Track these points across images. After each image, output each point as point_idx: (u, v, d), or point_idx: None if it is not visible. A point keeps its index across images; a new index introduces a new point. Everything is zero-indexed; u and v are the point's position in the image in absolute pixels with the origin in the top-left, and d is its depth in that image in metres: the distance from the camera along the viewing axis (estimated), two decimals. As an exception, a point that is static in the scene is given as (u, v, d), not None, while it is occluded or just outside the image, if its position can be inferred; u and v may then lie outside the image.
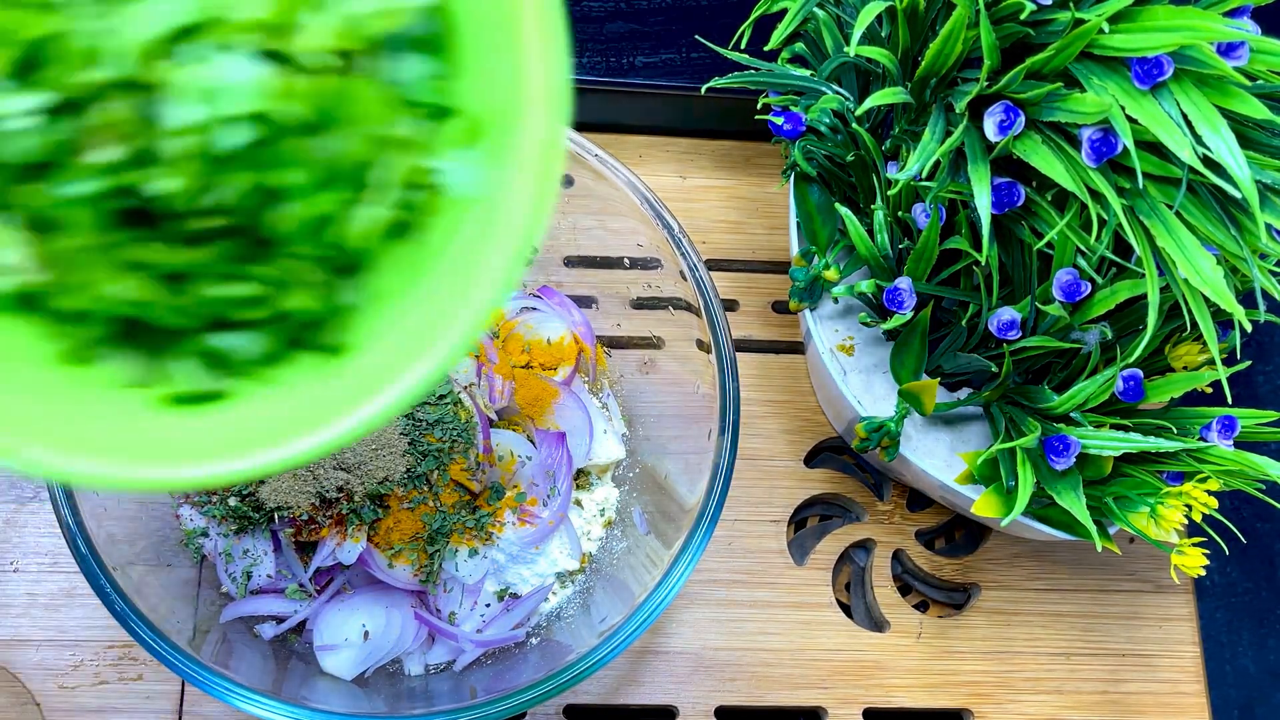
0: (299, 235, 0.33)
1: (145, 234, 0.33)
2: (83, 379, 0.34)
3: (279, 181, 0.32)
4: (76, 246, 0.32)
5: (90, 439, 0.32)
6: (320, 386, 0.34)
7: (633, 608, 0.53)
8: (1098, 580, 0.70)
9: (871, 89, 0.56)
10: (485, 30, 0.33)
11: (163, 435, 0.33)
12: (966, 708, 0.67)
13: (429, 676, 0.59)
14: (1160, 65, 0.45)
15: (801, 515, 0.72)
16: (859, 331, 0.64)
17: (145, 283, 0.33)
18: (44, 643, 0.61)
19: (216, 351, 0.35)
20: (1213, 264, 0.46)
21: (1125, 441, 0.54)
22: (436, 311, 0.33)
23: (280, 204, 0.33)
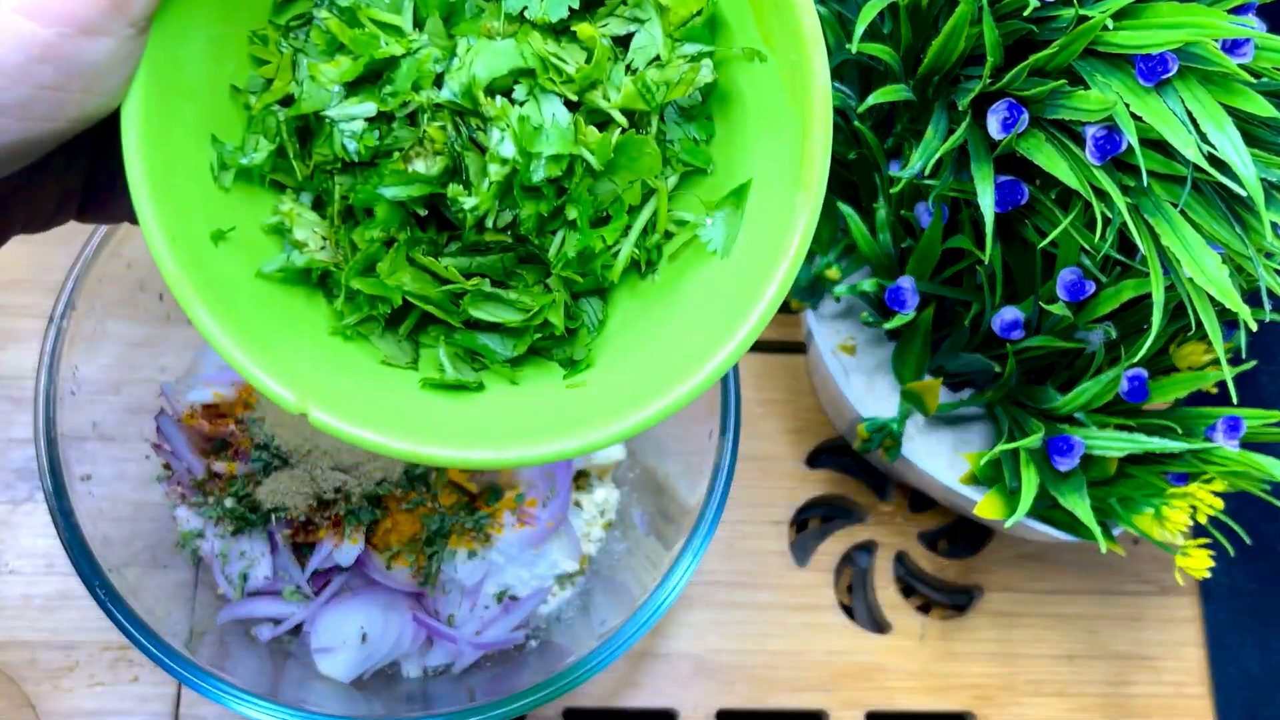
0: (566, 261, 0.38)
1: (434, 236, 0.38)
2: (351, 353, 0.39)
3: (560, 215, 0.38)
4: (374, 237, 0.37)
5: (360, 407, 0.36)
6: (560, 396, 0.39)
7: (633, 609, 0.53)
8: (1102, 582, 0.70)
9: (873, 86, 0.55)
10: (770, 112, 0.38)
11: (423, 415, 0.37)
12: (969, 710, 0.67)
13: (427, 679, 0.59)
14: (1165, 62, 0.44)
15: (803, 516, 0.72)
16: (861, 331, 0.64)
17: (426, 278, 0.38)
18: (39, 645, 0.61)
19: (474, 346, 0.39)
20: (1218, 263, 0.46)
21: (1130, 442, 0.54)
22: (673, 353, 0.37)
23: (556, 231, 0.38)
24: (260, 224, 0.38)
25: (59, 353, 0.53)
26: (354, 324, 0.39)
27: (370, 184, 0.37)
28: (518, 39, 0.37)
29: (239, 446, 0.57)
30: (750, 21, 0.38)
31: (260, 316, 0.36)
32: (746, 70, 0.38)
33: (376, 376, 0.38)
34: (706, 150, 0.40)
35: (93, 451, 0.55)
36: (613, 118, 0.37)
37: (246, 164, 0.37)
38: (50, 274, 0.66)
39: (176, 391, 0.59)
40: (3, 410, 0.64)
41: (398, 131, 0.37)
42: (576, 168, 0.37)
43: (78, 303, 0.53)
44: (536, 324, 0.39)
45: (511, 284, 0.39)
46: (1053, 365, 0.59)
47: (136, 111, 0.34)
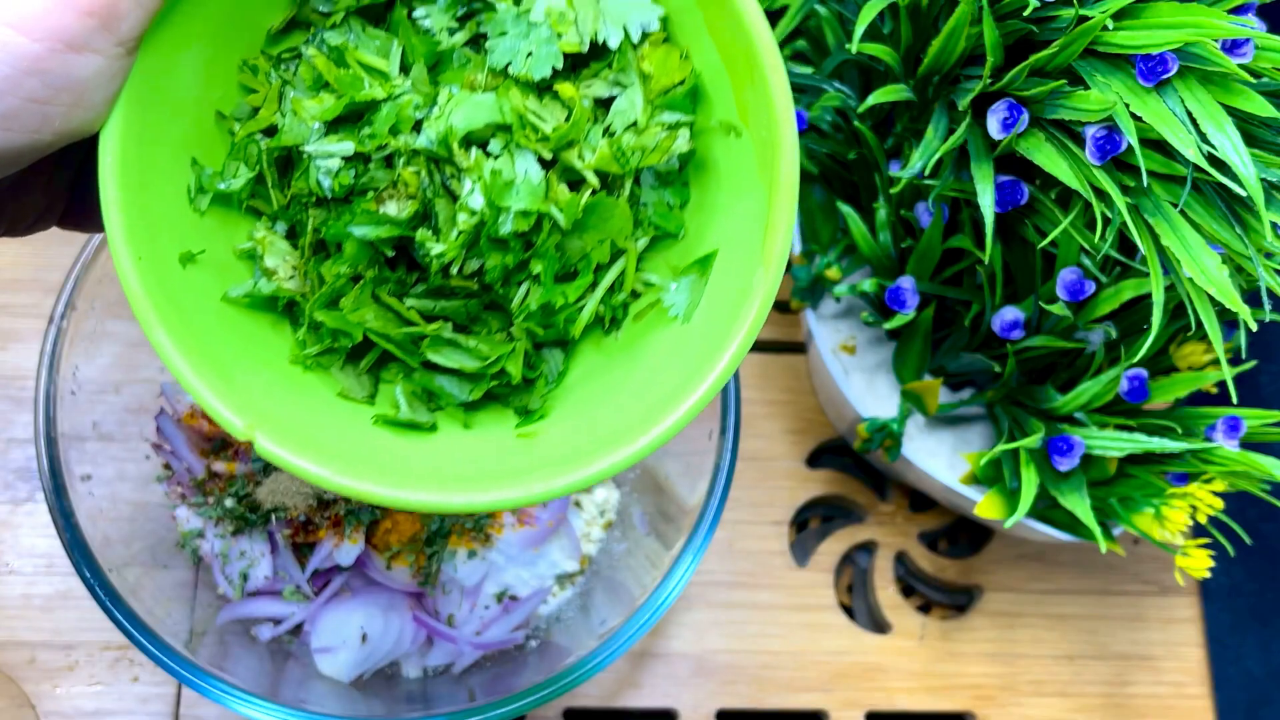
0: (529, 313, 0.39)
1: (401, 276, 0.39)
2: (309, 383, 0.39)
3: (526, 268, 0.38)
4: (341, 272, 0.38)
5: (309, 438, 0.36)
6: (510, 444, 0.39)
7: (633, 610, 0.53)
8: (1102, 582, 0.70)
9: (873, 86, 0.55)
10: (741, 185, 0.39)
11: (371, 452, 0.37)
12: (969, 710, 0.67)
13: (427, 679, 0.59)
14: (1165, 62, 0.44)
15: (803, 516, 0.71)
16: (861, 331, 0.63)
17: (390, 316, 0.39)
18: (40, 645, 0.61)
19: (431, 387, 0.40)
20: (1218, 263, 0.46)
21: (1130, 442, 0.54)
22: (626, 413, 0.38)
23: (522, 282, 0.39)
24: (233, 248, 0.39)
25: (59, 353, 0.53)
26: (315, 354, 0.39)
27: (342, 221, 0.37)
28: (499, 93, 0.37)
29: (239, 446, 0.57)
30: (729, 94, 0.38)
31: (220, 340, 0.37)
32: (723, 141, 0.39)
33: (331, 409, 0.39)
34: (679, 216, 0.41)
35: (93, 451, 0.55)
36: (585, 178, 0.38)
37: (224, 189, 0.38)
38: (51, 274, 0.66)
39: (176, 391, 0.59)
40: (3, 410, 0.64)
41: (373, 172, 0.37)
42: (544, 224, 0.37)
43: (78, 303, 0.53)
44: (493, 372, 0.39)
45: (474, 329, 0.40)
46: (1053, 365, 0.59)
47: (116, 130, 0.34)
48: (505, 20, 0.38)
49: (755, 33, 0.36)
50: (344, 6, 0.39)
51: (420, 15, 0.39)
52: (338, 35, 0.38)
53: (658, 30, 0.38)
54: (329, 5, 0.39)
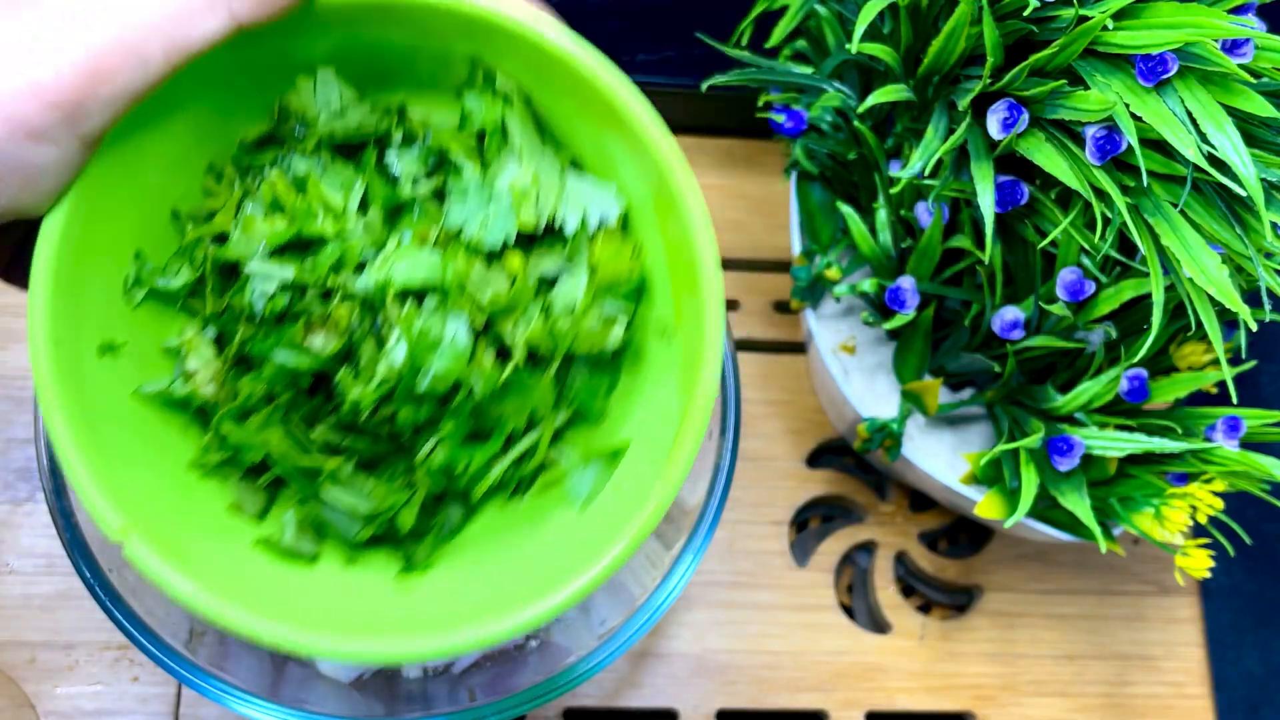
0: (432, 468, 0.39)
1: (317, 403, 0.39)
2: (203, 491, 0.39)
3: (438, 425, 0.38)
4: (256, 391, 0.38)
5: (184, 549, 0.36)
6: (385, 593, 0.39)
7: (633, 610, 0.53)
8: (1102, 582, 0.70)
9: (874, 86, 0.55)
10: (663, 390, 0.39)
11: (244, 576, 0.37)
12: (970, 710, 0.67)
13: (427, 679, 0.59)
14: (1165, 62, 0.44)
15: (803, 516, 0.71)
16: (861, 331, 0.63)
17: (294, 442, 0.39)
18: (39, 645, 0.61)
19: (320, 519, 0.39)
20: (1218, 263, 0.46)
21: (1129, 442, 0.54)
22: (505, 586, 0.38)
23: (430, 437, 0.39)
24: (159, 343, 0.39)
25: (59, 353, 0.53)
26: (215, 463, 0.39)
27: (267, 343, 0.37)
28: (447, 253, 0.37)
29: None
30: (670, 298, 0.39)
31: (121, 435, 0.36)
32: (656, 340, 0.40)
33: (216, 522, 0.39)
34: (604, 402, 0.41)
35: (93, 451, 0.55)
36: (513, 351, 0.38)
37: (162, 287, 0.38)
38: (50, 274, 0.66)
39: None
40: (3, 410, 0.64)
41: (309, 302, 0.38)
42: (462, 387, 0.38)
43: (78, 303, 0.53)
44: (386, 518, 0.39)
45: (378, 469, 0.40)
46: (1053, 365, 0.59)
47: (61, 218, 0.34)
48: (469, 185, 0.38)
49: (700, 247, 0.36)
50: (318, 135, 0.39)
51: (391, 159, 0.39)
52: (305, 163, 0.38)
53: (615, 224, 0.39)
54: (305, 130, 0.39)
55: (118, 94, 0.32)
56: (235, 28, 0.32)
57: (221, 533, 0.38)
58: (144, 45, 0.31)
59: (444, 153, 0.39)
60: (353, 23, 0.36)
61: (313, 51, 0.38)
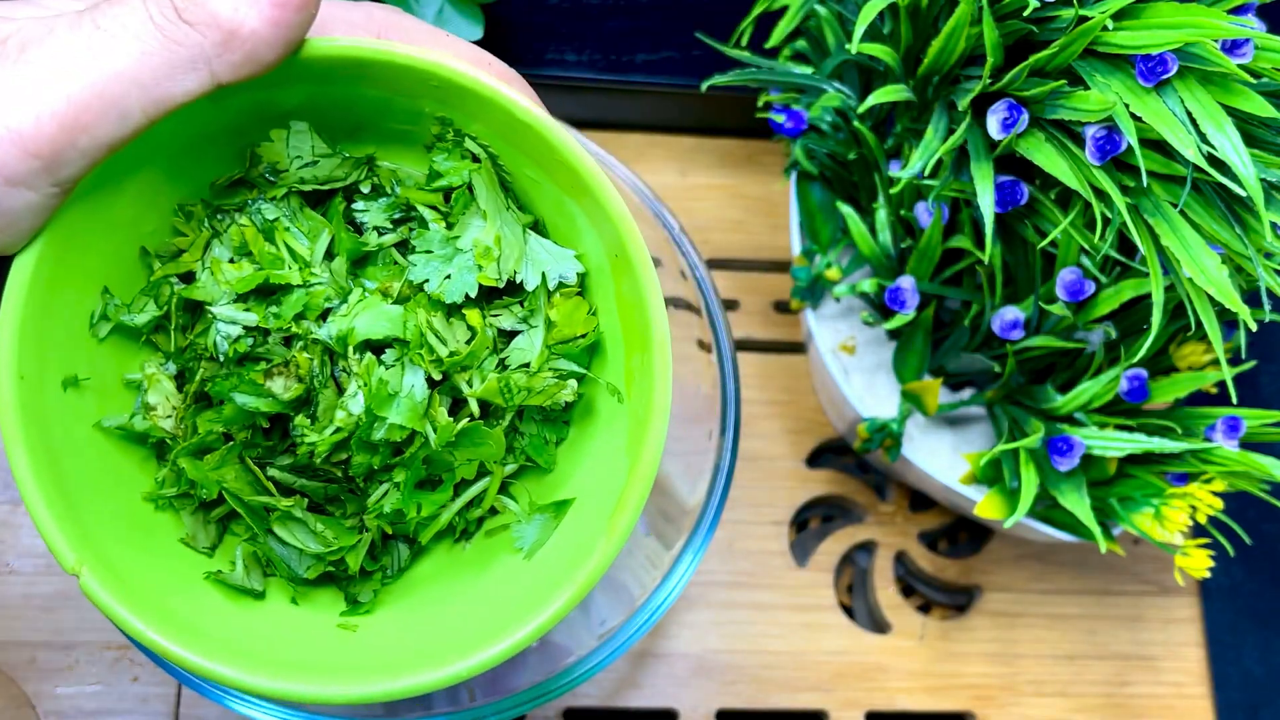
0: (383, 513, 0.40)
1: (273, 443, 0.40)
2: (156, 522, 0.39)
3: (390, 471, 0.39)
4: (214, 429, 0.38)
5: (135, 583, 0.36)
6: (328, 633, 0.40)
7: (633, 610, 0.53)
8: (1102, 582, 0.70)
9: (873, 86, 0.55)
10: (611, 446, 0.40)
11: (193, 610, 0.38)
12: (970, 710, 0.67)
13: (427, 679, 0.59)
14: (1164, 62, 0.44)
15: (803, 516, 0.72)
16: (861, 331, 0.63)
17: (249, 479, 0.39)
18: (40, 645, 0.61)
19: (270, 556, 0.40)
20: (1217, 263, 0.46)
21: (1129, 442, 0.54)
22: (449, 631, 0.39)
23: (383, 482, 0.40)
24: (121, 376, 0.39)
25: (59, 353, 0.53)
26: (169, 496, 0.39)
27: (228, 383, 0.38)
28: (408, 307, 0.38)
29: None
30: (622, 360, 0.40)
31: (80, 466, 0.37)
32: (607, 399, 0.41)
33: (168, 554, 0.39)
34: (553, 453, 0.42)
35: (93, 451, 0.55)
36: (468, 404, 0.39)
37: (127, 323, 0.38)
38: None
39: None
40: (3, 410, 0.64)
41: (271, 346, 0.38)
42: (416, 438, 0.38)
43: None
44: (334, 559, 0.40)
45: (330, 508, 0.41)
46: (1053, 365, 0.59)
47: (32, 258, 0.34)
48: (433, 240, 0.39)
49: (653, 311, 0.38)
50: (288, 184, 0.39)
51: (359, 208, 0.40)
52: (274, 209, 0.39)
53: (573, 284, 0.40)
54: (275, 177, 0.39)
55: (96, 145, 0.32)
56: (214, 85, 0.33)
57: (173, 565, 0.39)
58: (124, 99, 0.32)
59: (410, 205, 0.40)
60: (327, 78, 0.37)
61: (287, 103, 0.38)
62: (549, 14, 0.70)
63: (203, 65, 0.32)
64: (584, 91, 0.71)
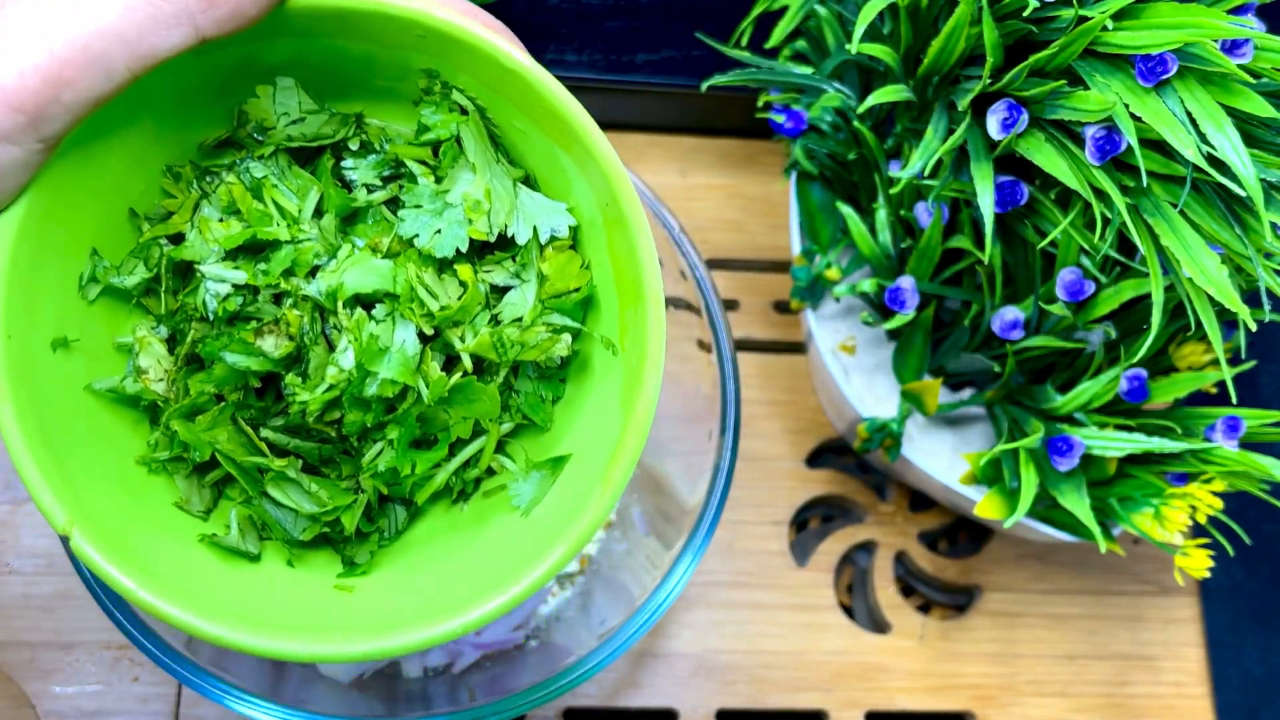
0: (377, 472, 0.39)
1: (266, 405, 0.39)
2: (150, 486, 0.39)
3: (383, 429, 0.39)
4: (206, 390, 0.38)
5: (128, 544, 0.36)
6: (325, 594, 0.40)
7: (633, 609, 0.53)
8: (1102, 582, 0.70)
9: (873, 87, 0.55)
10: (606, 400, 0.40)
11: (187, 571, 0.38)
12: (969, 710, 0.67)
13: (427, 679, 0.59)
14: (1164, 63, 0.44)
15: (803, 516, 0.72)
16: (861, 331, 0.64)
17: (242, 441, 0.39)
18: (40, 645, 0.61)
19: (265, 518, 0.40)
20: (1217, 263, 0.46)
21: (1129, 442, 0.54)
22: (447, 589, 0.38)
23: (377, 441, 0.39)
24: (112, 340, 0.39)
25: (59, 353, 0.53)
26: (163, 459, 0.39)
27: (218, 343, 0.38)
28: (398, 262, 0.38)
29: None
30: (616, 313, 0.40)
31: (71, 428, 0.37)
32: (601, 352, 0.40)
33: (162, 517, 0.39)
34: (549, 410, 0.42)
35: (93, 451, 0.55)
36: (461, 359, 0.39)
37: (117, 285, 0.38)
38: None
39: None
40: (3, 410, 0.64)
41: (261, 304, 0.38)
42: (409, 393, 0.38)
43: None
44: (329, 519, 0.40)
45: (324, 470, 0.41)
46: (1053, 365, 0.59)
47: (18, 215, 0.34)
48: (423, 195, 0.39)
49: (645, 263, 0.37)
50: (275, 141, 0.39)
51: (348, 166, 0.40)
52: (262, 167, 0.39)
53: (565, 237, 0.40)
54: (263, 135, 0.39)
55: (79, 100, 0.32)
56: (199, 40, 0.33)
57: (167, 528, 0.39)
58: (108, 54, 0.32)
59: (399, 162, 0.40)
60: (313, 32, 0.37)
61: (273, 59, 0.38)
62: (549, 14, 0.70)
63: (187, 20, 0.32)
64: (584, 91, 0.71)
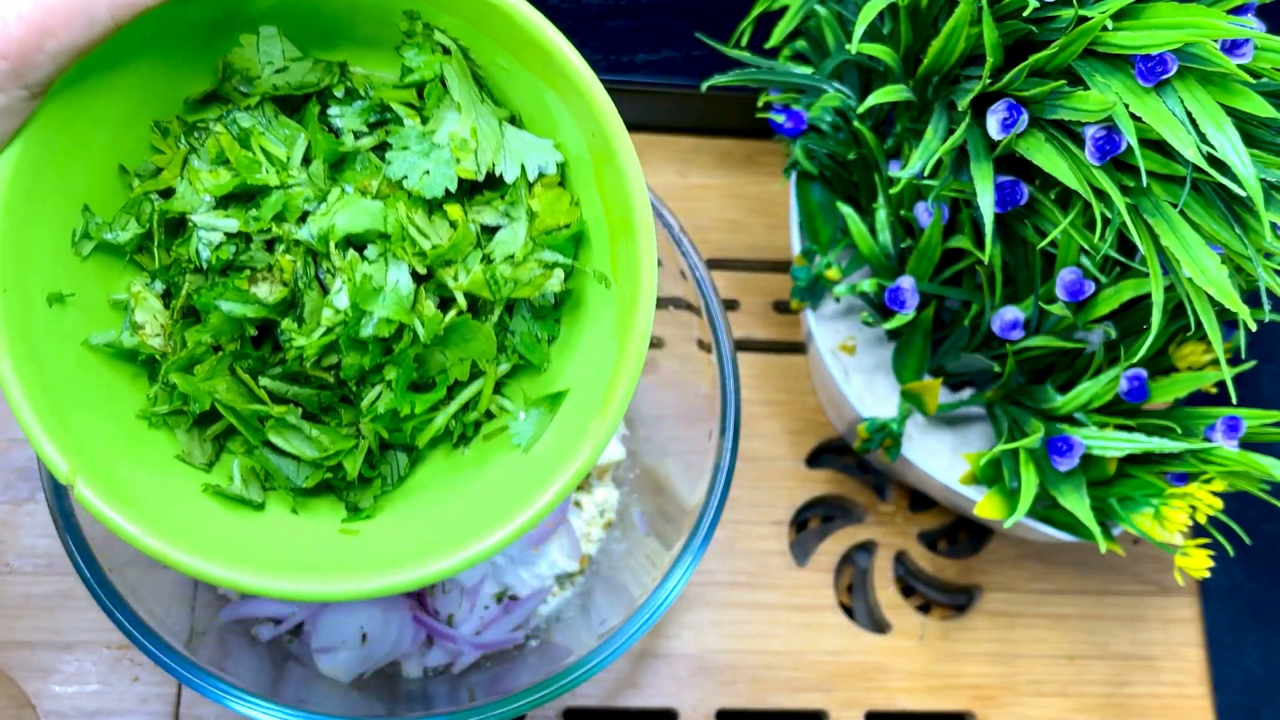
0: (376, 415, 0.40)
1: (264, 354, 0.40)
2: (152, 440, 0.40)
3: (381, 372, 0.39)
4: (203, 341, 0.38)
5: (132, 494, 0.37)
6: (330, 538, 0.40)
7: (633, 609, 0.53)
8: (1101, 582, 0.70)
9: (873, 87, 0.55)
10: (601, 333, 0.40)
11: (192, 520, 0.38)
12: (969, 710, 0.67)
13: (427, 679, 0.59)
14: (1164, 63, 0.44)
15: (803, 516, 0.72)
16: (861, 331, 0.64)
17: (241, 390, 0.39)
18: (40, 645, 0.61)
19: (269, 467, 0.40)
20: (1217, 263, 0.46)
21: (1129, 442, 0.54)
22: (451, 526, 0.39)
23: (375, 385, 0.39)
24: (108, 296, 0.40)
25: (59, 353, 0.53)
26: (163, 413, 0.40)
27: (213, 292, 0.38)
28: (388, 203, 0.38)
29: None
30: (606, 246, 0.40)
31: (70, 382, 0.37)
32: (595, 287, 0.41)
33: (165, 470, 0.39)
34: (545, 349, 0.42)
35: (93, 451, 0.55)
36: (455, 298, 0.39)
37: (110, 240, 0.39)
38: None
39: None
40: (4, 410, 0.64)
41: (253, 252, 0.38)
42: (405, 334, 0.38)
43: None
44: (331, 465, 0.40)
45: (324, 418, 0.41)
46: (1052, 365, 0.59)
47: (9, 165, 0.35)
48: (410, 136, 0.39)
49: (634, 195, 0.38)
50: (261, 91, 0.40)
51: (334, 114, 0.40)
52: (249, 118, 0.39)
53: (553, 174, 0.40)
54: (248, 87, 0.40)
55: (63, 49, 0.32)
56: None
57: (170, 480, 0.39)
58: (91, 3, 0.32)
59: (385, 108, 0.40)
60: None
61: (256, 8, 0.39)
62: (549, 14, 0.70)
63: None
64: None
